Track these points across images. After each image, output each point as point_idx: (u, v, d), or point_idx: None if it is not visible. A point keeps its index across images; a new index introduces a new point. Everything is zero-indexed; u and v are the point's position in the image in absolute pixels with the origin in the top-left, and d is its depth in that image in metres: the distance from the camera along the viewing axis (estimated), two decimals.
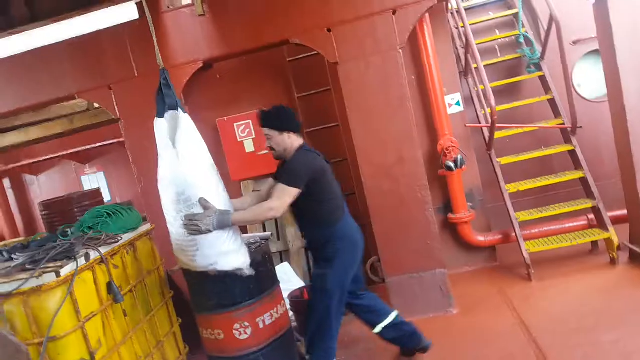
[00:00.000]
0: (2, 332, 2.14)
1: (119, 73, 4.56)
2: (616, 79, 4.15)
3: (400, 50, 4.23)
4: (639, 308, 3.68)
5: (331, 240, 3.28)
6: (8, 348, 2.08)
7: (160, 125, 3.22)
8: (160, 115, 3.24)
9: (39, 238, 3.34)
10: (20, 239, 5.02)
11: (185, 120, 3.24)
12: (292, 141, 3.28)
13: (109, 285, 3.07)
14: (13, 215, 7.15)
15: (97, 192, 5.78)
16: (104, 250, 3.09)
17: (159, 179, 3.19)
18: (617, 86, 4.16)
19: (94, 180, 6.94)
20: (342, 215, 3.37)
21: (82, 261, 2.85)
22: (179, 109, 3.24)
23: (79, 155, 6.85)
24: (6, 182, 7.28)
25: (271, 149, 3.32)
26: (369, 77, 4.28)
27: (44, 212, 5.53)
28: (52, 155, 6.82)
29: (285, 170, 3.23)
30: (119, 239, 3.28)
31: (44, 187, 7.27)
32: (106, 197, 6.85)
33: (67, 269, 2.72)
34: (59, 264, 2.74)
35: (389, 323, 3.55)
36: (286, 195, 3.08)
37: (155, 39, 3.40)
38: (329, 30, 4.24)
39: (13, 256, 2.97)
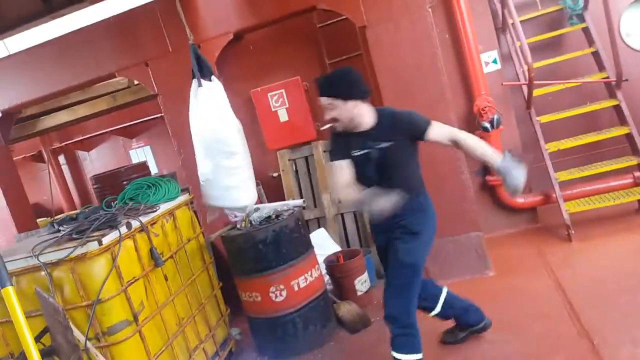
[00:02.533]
0: (43, 294, 2.39)
1: (154, 49, 4.70)
2: None
3: (430, 9, 4.15)
4: None
5: (422, 210, 2.91)
6: (48, 308, 2.31)
7: (197, 91, 3.90)
8: (199, 84, 3.85)
9: (86, 210, 3.56)
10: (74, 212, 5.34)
11: (219, 85, 3.94)
12: (361, 111, 2.80)
13: (151, 251, 3.27)
14: (69, 189, 7.60)
15: (143, 165, 6.05)
16: (143, 219, 3.28)
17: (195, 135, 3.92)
18: None
19: (141, 153, 7.24)
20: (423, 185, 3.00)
21: (123, 230, 3.04)
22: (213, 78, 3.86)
23: (126, 131, 7.15)
24: (61, 159, 7.73)
25: (333, 120, 2.84)
26: (398, 39, 4.21)
27: (95, 186, 5.86)
28: (100, 132, 7.16)
29: (409, 127, 2.80)
30: (157, 208, 3.45)
31: (96, 162, 7.66)
32: (153, 169, 7.15)
33: (109, 238, 2.92)
34: (102, 233, 2.95)
35: (443, 303, 3.27)
36: (441, 125, 2.82)
37: (182, 14, 3.50)
38: None
39: (61, 228, 3.21)
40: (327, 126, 3.36)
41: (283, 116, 5.22)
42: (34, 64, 5.03)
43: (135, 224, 3.17)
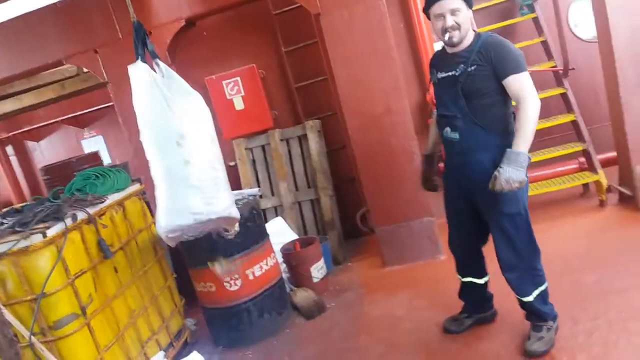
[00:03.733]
0: None
1: (103, 36, 4.56)
2: (604, 19, 4.05)
3: None
4: (623, 248, 3.71)
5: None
6: None
7: (143, 70, 2.95)
8: (143, 59, 3.00)
9: (33, 202, 3.45)
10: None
11: (168, 68, 3.07)
12: (471, 21, 2.64)
13: (99, 243, 3.20)
14: (18, 181, 7.35)
15: (95, 155, 5.89)
16: (91, 210, 3.20)
17: (146, 125, 2.94)
18: (605, 26, 4.06)
19: (93, 143, 7.05)
20: None
21: (69, 222, 2.96)
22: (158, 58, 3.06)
23: (77, 120, 6.93)
24: (9, 150, 7.44)
25: (453, 28, 2.55)
26: (352, 27, 4.22)
27: (45, 177, 5.68)
28: (50, 121, 6.93)
29: (496, 58, 2.53)
30: (106, 199, 3.38)
31: (46, 153, 7.41)
32: (106, 159, 6.97)
33: (53, 230, 2.84)
34: (46, 225, 2.87)
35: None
36: (530, 81, 2.51)
37: None
38: None
39: (4, 220, 3.10)
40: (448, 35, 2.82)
41: (239, 104, 5.17)
42: None
43: (82, 215, 3.10)
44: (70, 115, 6.81)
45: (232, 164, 5.43)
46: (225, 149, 5.32)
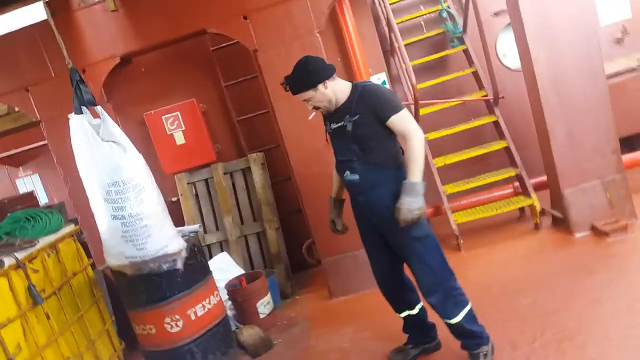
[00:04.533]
0: None
1: (35, 74, 4.46)
2: (526, 49, 4.29)
3: (319, 34, 4.26)
4: (556, 270, 3.87)
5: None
6: None
7: (79, 122, 3.26)
8: (78, 112, 3.30)
9: None
10: None
11: (105, 114, 3.30)
12: (335, 88, 2.83)
13: (29, 289, 3.06)
14: None
15: (30, 196, 5.66)
16: (20, 255, 3.07)
17: (83, 175, 3.28)
18: (527, 55, 4.31)
19: (29, 183, 6.79)
20: None
21: None
22: (96, 105, 3.31)
23: (11, 159, 6.68)
24: None
25: (316, 108, 2.89)
26: (290, 62, 4.23)
27: None
28: None
29: (374, 106, 2.73)
30: (36, 243, 3.25)
31: None
32: (43, 199, 6.72)
33: None
34: None
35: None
36: (410, 117, 2.70)
37: (59, 38, 3.35)
38: (245, 18, 4.23)
39: None
40: (313, 114, 3.27)
41: (180, 139, 5.13)
42: None
43: (9, 261, 2.96)
44: (3, 155, 6.55)
45: (174, 199, 5.35)
46: (167, 184, 5.28)
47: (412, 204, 2.58)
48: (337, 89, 2.84)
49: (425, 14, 5.91)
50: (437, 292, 2.85)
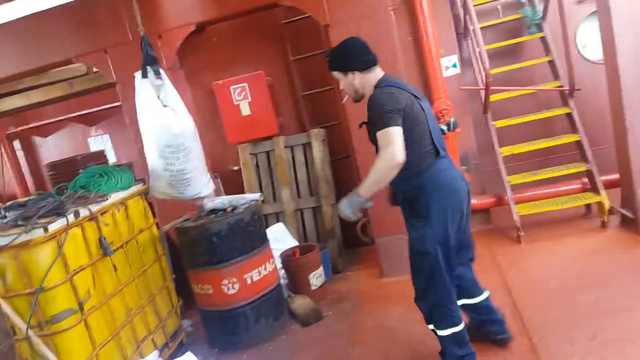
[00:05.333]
0: None
1: (114, 37, 4.62)
2: (610, 39, 4.06)
3: (392, 12, 4.20)
4: (621, 270, 3.71)
5: (423, 191, 2.70)
6: None
7: (143, 84, 3.87)
8: (144, 76, 3.84)
9: (36, 197, 3.48)
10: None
11: (166, 78, 3.92)
12: (363, 81, 2.76)
13: (100, 241, 3.22)
14: (24, 176, 7.41)
15: (100, 154, 5.94)
16: (93, 208, 3.23)
17: (144, 133, 3.96)
18: (611, 47, 4.08)
19: (100, 142, 7.11)
20: (435, 160, 2.72)
21: (71, 218, 2.99)
22: (161, 71, 3.83)
23: (85, 118, 7.01)
24: (16, 144, 7.52)
25: (344, 92, 2.92)
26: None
27: (50, 173, 5.73)
28: (58, 118, 7.00)
29: (369, 117, 2.69)
30: (108, 197, 3.41)
31: (53, 149, 7.48)
32: (112, 158, 7.03)
33: (55, 225, 2.87)
34: (48, 220, 2.89)
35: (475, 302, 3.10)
36: (391, 136, 2.50)
37: (135, 4, 3.50)
38: None
39: (7, 214, 3.13)
40: (345, 98, 3.36)
41: (245, 110, 5.21)
42: None
43: (84, 212, 3.13)
44: (78, 114, 6.88)
45: (235, 168, 5.46)
46: (230, 152, 5.40)
47: (343, 209, 2.69)
48: (366, 83, 2.77)
49: None
50: (426, 302, 2.85)
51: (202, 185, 4.15)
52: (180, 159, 3.92)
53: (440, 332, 2.83)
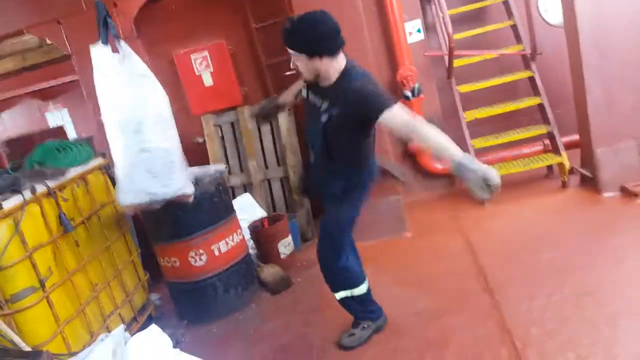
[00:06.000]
0: None
1: (67, 7, 4.45)
2: (570, 3, 4.10)
3: None
4: (580, 228, 3.84)
5: (359, 185, 2.80)
6: None
7: (102, 53, 3.15)
8: (104, 42, 3.20)
9: None
10: None
11: (128, 48, 3.23)
12: (330, 67, 2.49)
13: (59, 217, 3.14)
14: None
15: (60, 130, 5.77)
16: (51, 183, 3.14)
17: (104, 108, 3.17)
18: (571, 11, 4.12)
19: (58, 117, 6.89)
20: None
21: (27, 194, 2.90)
22: (120, 39, 3.24)
23: (41, 93, 6.75)
24: None
25: (296, 69, 2.57)
26: (324, 5, 4.15)
27: (5, 150, 5.55)
28: (11, 95, 6.73)
29: (362, 101, 2.43)
30: (66, 172, 3.31)
31: (8, 125, 7.21)
32: (71, 133, 6.83)
33: (11, 202, 2.78)
34: (2, 197, 2.80)
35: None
36: (402, 111, 2.35)
37: None
38: None
39: None
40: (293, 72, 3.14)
41: (208, 80, 5.11)
42: None
43: (41, 188, 3.03)
44: (33, 88, 6.63)
45: (200, 140, 5.38)
46: (194, 125, 5.30)
47: (486, 173, 2.21)
48: (332, 69, 2.51)
49: None
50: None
51: (184, 179, 3.30)
52: (158, 135, 3.13)
53: (337, 294, 3.09)
